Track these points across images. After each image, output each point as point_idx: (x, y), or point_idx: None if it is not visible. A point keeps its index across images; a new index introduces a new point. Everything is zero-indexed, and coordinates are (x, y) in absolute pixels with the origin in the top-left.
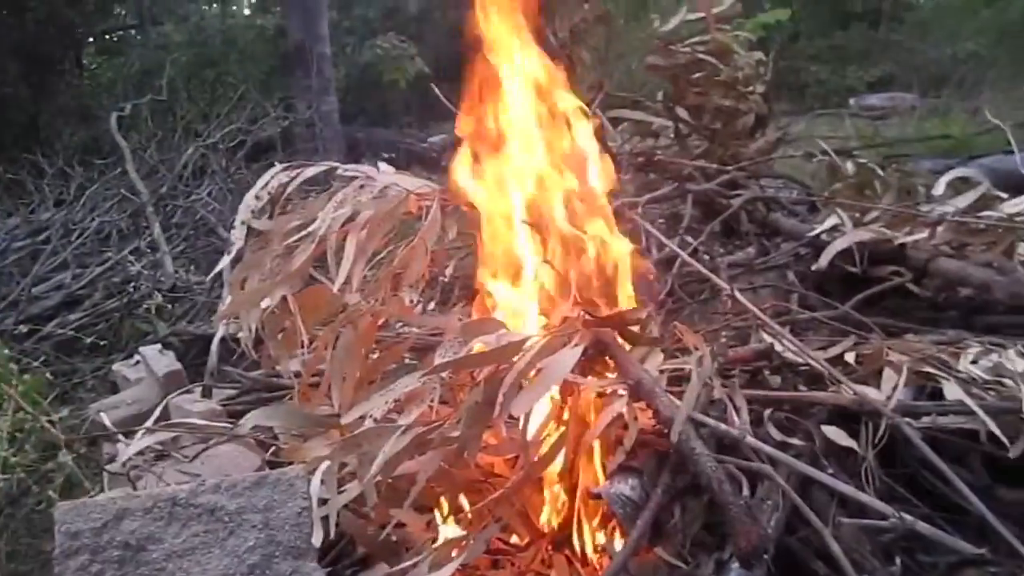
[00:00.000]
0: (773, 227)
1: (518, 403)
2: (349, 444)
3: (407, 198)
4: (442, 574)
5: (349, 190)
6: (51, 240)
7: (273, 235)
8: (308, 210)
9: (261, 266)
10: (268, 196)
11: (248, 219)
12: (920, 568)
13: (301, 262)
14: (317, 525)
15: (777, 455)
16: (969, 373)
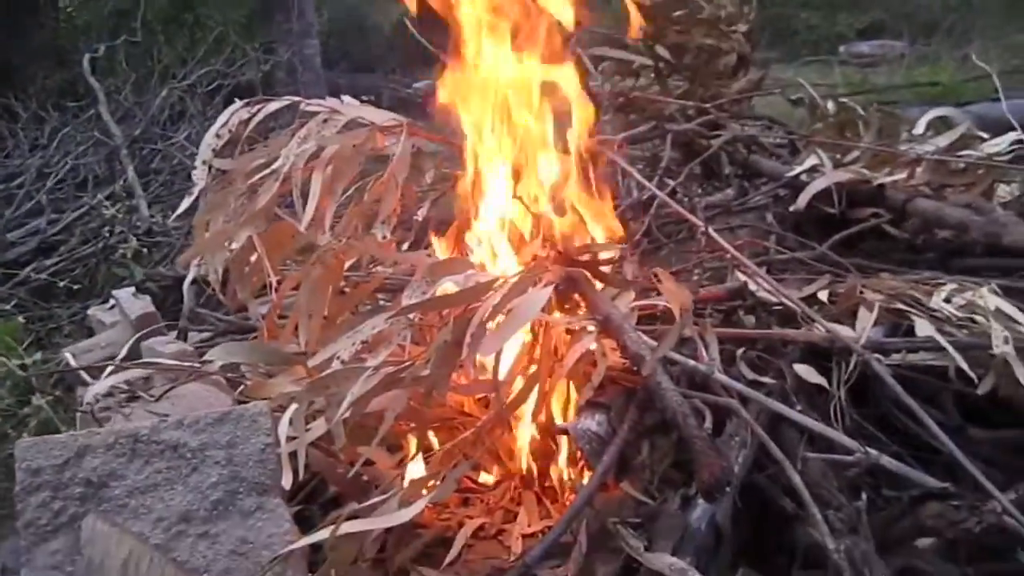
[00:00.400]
0: (753, 168)
1: (486, 344)
2: (317, 385)
3: (374, 133)
4: (412, 511)
5: (313, 125)
6: (25, 185)
7: (236, 174)
8: (271, 147)
9: (225, 206)
10: (229, 134)
11: (209, 158)
12: (885, 502)
13: (265, 201)
14: (286, 466)
15: (747, 392)
16: (942, 311)
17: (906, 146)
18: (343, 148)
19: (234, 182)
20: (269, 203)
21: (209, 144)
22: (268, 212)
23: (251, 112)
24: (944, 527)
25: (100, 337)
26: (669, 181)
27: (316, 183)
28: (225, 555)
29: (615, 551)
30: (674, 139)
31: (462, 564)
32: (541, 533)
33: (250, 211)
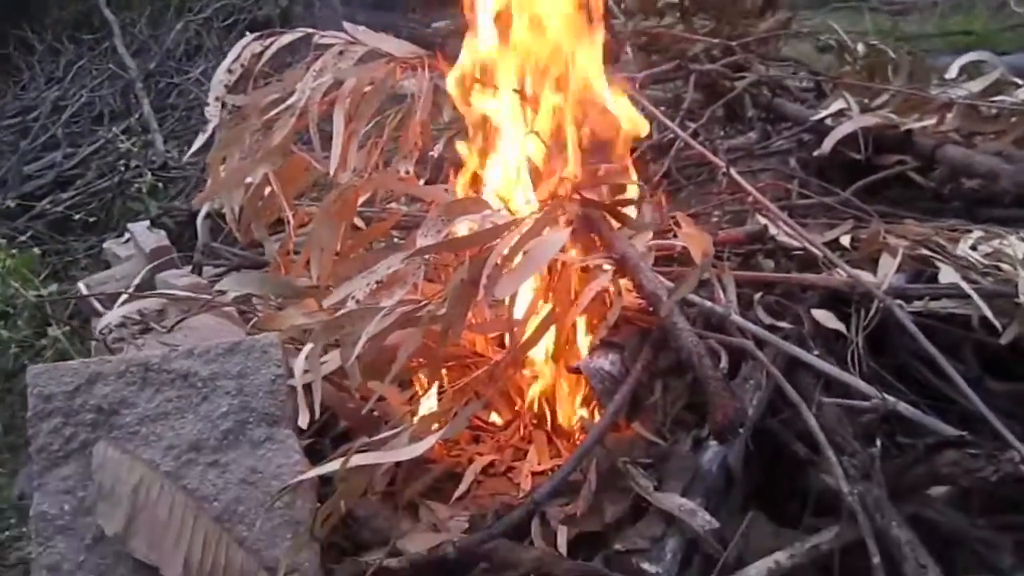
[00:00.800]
0: (777, 112)
1: (502, 285)
2: (332, 325)
3: (394, 67)
4: (422, 446)
5: (328, 58)
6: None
7: (250, 110)
8: (286, 82)
9: (240, 143)
10: (242, 69)
11: (222, 94)
12: (900, 450)
13: (282, 137)
14: (302, 405)
15: (763, 334)
16: (967, 257)
17: (937, 91)
18: (361, 82)
19: (248, 118)
20: (285, 139)
21: (221, 80)
22: (284, 148)
23: (264, 45)
24: (959, 475)
25: (115, 270)
26: (690, 124)
27: (338, 120)
28: (235, 484)
29: (625, 491)
30: (697, 80)
31: (471, 499)
32: (551, 471)
33: (266, 148)
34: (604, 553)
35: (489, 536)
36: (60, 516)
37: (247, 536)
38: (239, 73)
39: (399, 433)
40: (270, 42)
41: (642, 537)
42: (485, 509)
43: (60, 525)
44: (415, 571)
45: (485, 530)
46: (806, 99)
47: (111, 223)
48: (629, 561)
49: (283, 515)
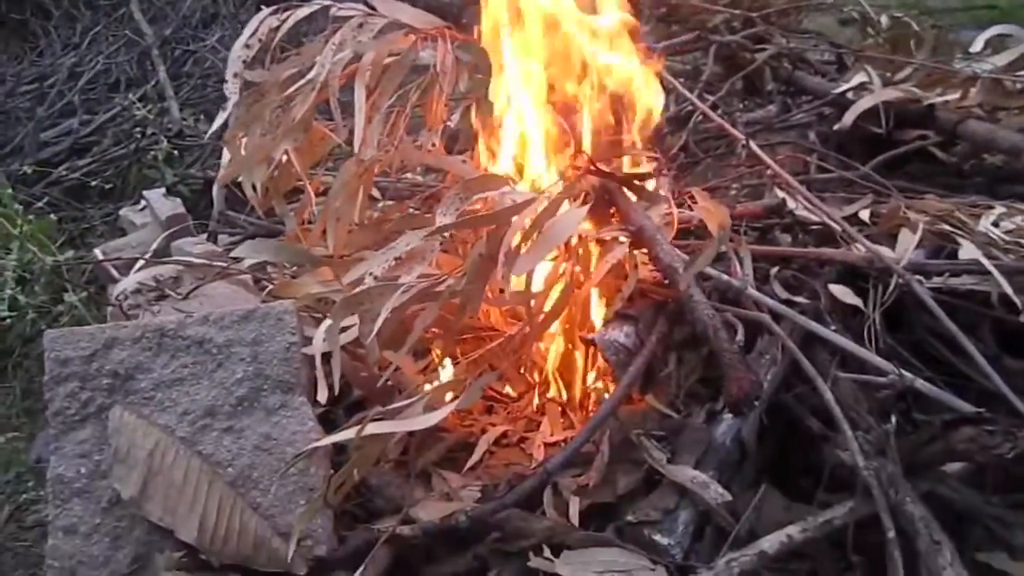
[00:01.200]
0: (798, 85)
1: (521, 263)
2: (351, 301)
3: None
4: (437, 416)
5: (347, 31)
6: (57, 84)
7: (269, 85)
8: (304, 55)
9: (261, 120)
10: (259, 43)
11: (240, 70)
12: (915, 426)
13: (303, 112)
14: (321, 381)
15: (779, 308)
16: (989, 234)
17: (961, 65)
18: (380, 55)
19: (267, 93)
20: (307, 115)
21: (239, 56)
22: (306, 124)
23: (280, 20)
24: (976, 452)
25: (131, 237)
26: (709, 96)
27: (359, 94)
28: (249, 450)
29: (637, 462)
30: (717, 52)
31: (483, 469)
32: (564, 443)
33: (287, 124)
34: (616, 524)
35: (501, 506)
36: (76, 479)
37: (261, 502)
38: (256, 48)
39: (414, 403)
40: (287, 16)
41: (654, 509)
42: (498, 479)
43: (76, 488)
44: (427, 539)
45: (497, 500)
46: (827, 72)
47: (127, 190)
48: (641, 532)
49: (297, 481)
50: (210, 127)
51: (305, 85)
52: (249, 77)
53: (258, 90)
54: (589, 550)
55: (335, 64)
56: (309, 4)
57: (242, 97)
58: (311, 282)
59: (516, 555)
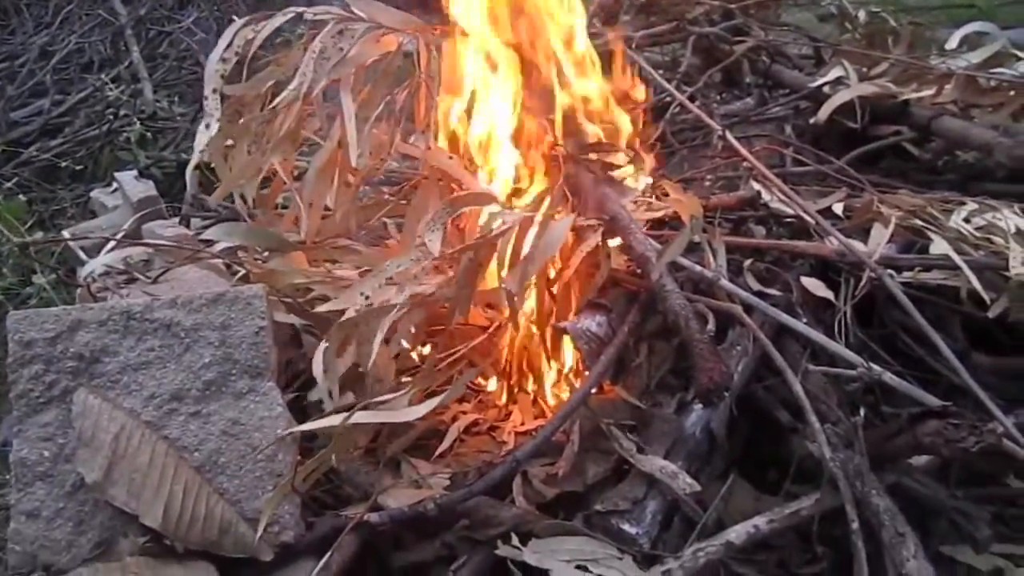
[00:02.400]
0: (775, 78)
1: (511, 280)
2: (347, 325)
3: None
4: (422, 408)
5: (326, 37)
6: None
7: (250, 98)
8: (284, 64)
9: (247, 135)
10: (236, 57)
11: (219, 85)
12: (883, 419)
13: (291, 125)
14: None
15: (751, 300)
16: (960, 230)
17: (937, 61)
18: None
19: (248, 105)
20: (294, 127)
21: (216, 70)
22: (294, 136)
23: (255, 31)
24: (941, 445)
25: (102, 219)
26: (687, 87)
27: (347, 104)
28: (216, 435)
29: (607, 452)
30: (696, 43)
31: (453, 457)
32: (535, 431)
33: (274, 137)
34: (584, 513)
35: (470, 494)
36: (40, 463)
37: (228, 487)
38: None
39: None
40: (261, 26)
41: (623, 498)
42: (467, 467)
43: (40, 472)
44: (395, 526)
45: (466, 487)
46: (804, 66)
47: (99, 172)
48: (609, 521)
49: (264, 467)
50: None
51: (288, 95)
52: (229, 91)
53: (239, 101)
54: (557, 538)
55: (318, 73)
56: (283, 13)
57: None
58: (291, 270)
59: (484, 543)
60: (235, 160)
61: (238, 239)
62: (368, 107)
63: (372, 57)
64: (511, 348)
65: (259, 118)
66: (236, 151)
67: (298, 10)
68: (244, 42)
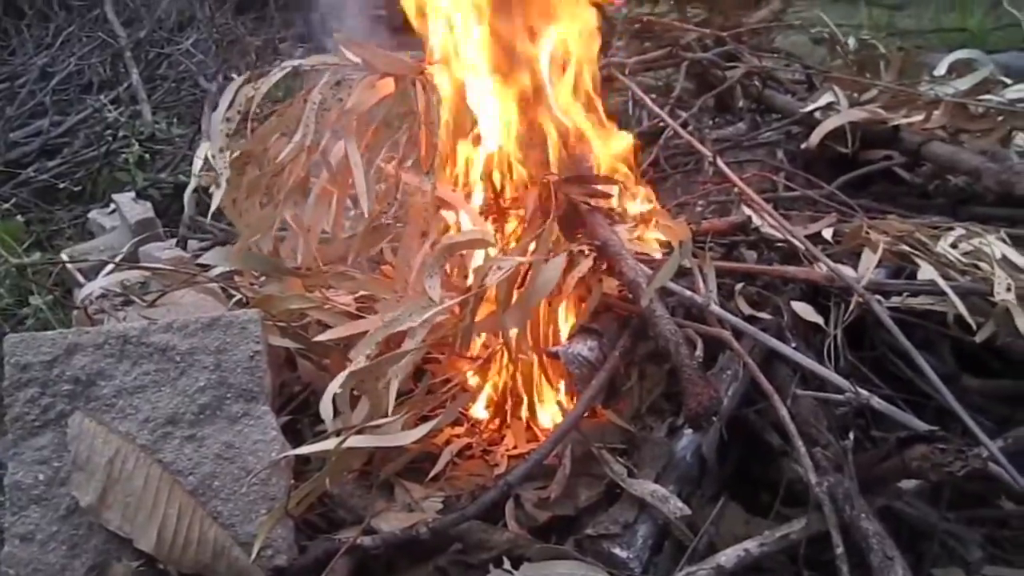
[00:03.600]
0: (767, 103)
1: (510, 318)
2: (359, 373)
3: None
4: (417, 432)
5: (325, 89)
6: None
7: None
8: (286, 117)
9: (258, 190)
10: (238, 115)
11: (225, 143)
12: (873, 443)
13: (300, 176)
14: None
15: (741, 325)
16: (947, 255)
17: (926, 88)
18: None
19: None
20: (302, 178)
21: (221, 129)
22: (303, 187)
23: (255, 88)
24: (928, 469)
25: (99, 240)
26: (681, 112)
27: (353, 153)
28: (211, 459)
29: (599, 476)
30: (688, 69)
31: (446, 480)
32: (527, 455)
33: (285, 190)
34: (576, 537)
35: (463, 517)
36: (35, 486)
37: (222, 511)
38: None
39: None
40: (260, 83)
41: (614, 522)
42: (461, 490)
43: (35, 495)
44: (388, 550)
45: (459, 511)
46: (796, 91)
47: (97, 193)
48: (601, 545)
49: (258, 491)
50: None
51: (293, 149)
52: (236, 149)
53: (245, 155)
54: (549, 562)
55: (320, 124)
56: (280, 67)
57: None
58: (287, 296)
59: (477, 567)
60: (248, 214)
61: (235, 264)
62: (373, 150)
63: (371, 103)
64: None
65: (268, 172)
66: (248, 205)
67: (294, 63)
68: (246, 99)
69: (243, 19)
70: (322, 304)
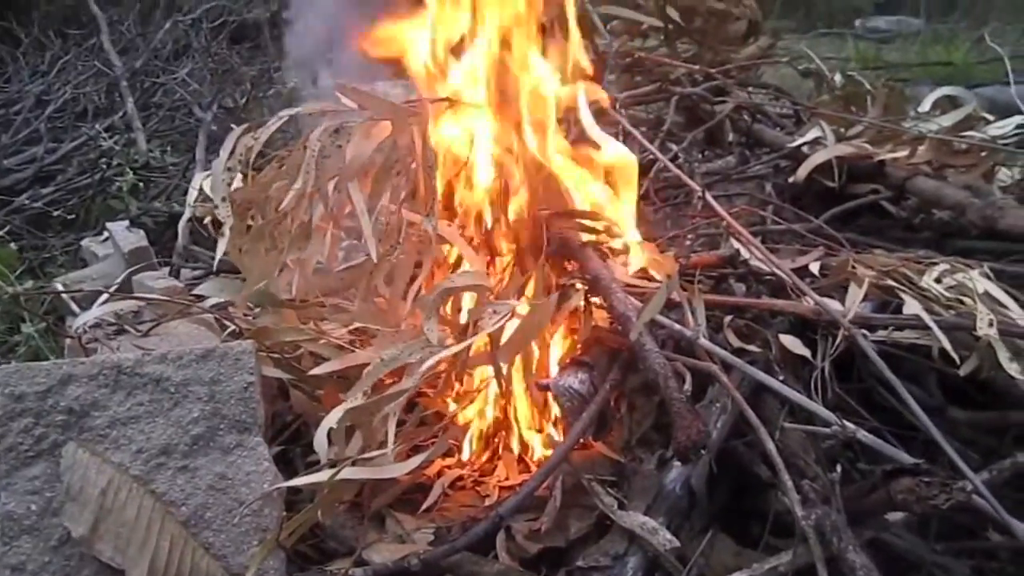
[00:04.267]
0: (756, 137)
1: (502, 356)
2: (358, 411)
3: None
4: (409, 464)
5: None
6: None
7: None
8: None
9: (263, 238)
10: (239, 165)
11: (227, 193)
12: (862, 475)
13: (301, 224)
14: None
15: (730, 359)
16: (931, 290)
17: (910, 123)
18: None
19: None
20: (305, 226)
21: (223, 179)
22: (306, 233)
23: (255, 138)
24: (913, 502)
25: (92, 269)
26: (671, 145)
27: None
28: (203, 490)
29: (589, 508)
30: (678, 103)
31: (437, 512)
32: (519, 486)
33: (289, 237)
34: (567, 569)
35: (453, 549)
36: (27, 516)
37: (214, 542)
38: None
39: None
40: (259, 132)
41: (604, 554)
42: (452, 522)
43: (26, 525)
44: None
45: (450, 543)
46: (785, 125)
47: (90, 221)
48: None
49: (250, 522)
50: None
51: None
52: (238, 198)
53: (247, 201)
54: None
55: (320, 171)
56: (278, 117)
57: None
58: (281, 328)
59: None
60: (252, 257)
61: (229, 296)
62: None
63: (369, 149)
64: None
65: (271, 220)
66: (252, 250)
67: (292, 111)
68: (245, 149)
69: (238, 48)
70: (317, 337)
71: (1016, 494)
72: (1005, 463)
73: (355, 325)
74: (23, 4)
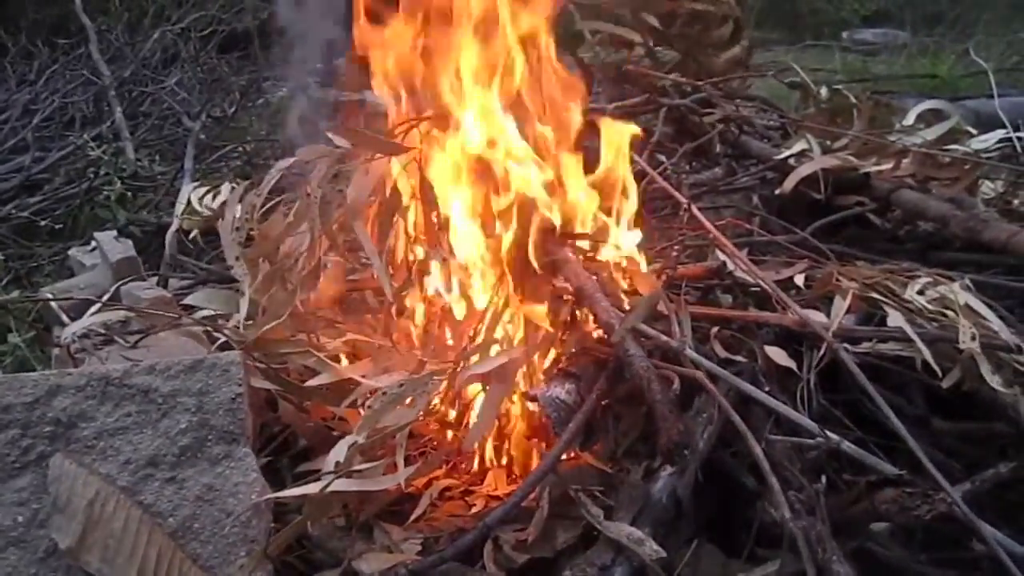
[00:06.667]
0: (743, 149)
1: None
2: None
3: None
4: (398, 476)
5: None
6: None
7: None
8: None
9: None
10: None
11: (239, 252)
12: (846, 486)
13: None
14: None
15: (715, 370)
16: (915, 302)
17: (895, 136)
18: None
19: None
20: (314, 267)
21: (233, 239)
22: (315, 271)
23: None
24: (896, 513)
25: (79, 278)
26: (661, 156)
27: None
28: (191, 501)
29: (576, 518)
30: (667, 115)
31: (425, 522)
32: (507, 497)
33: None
34: None
35: (441, 559)
36: (13, 528)
37: (201, 553)
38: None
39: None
40: (264, 187)
41: (591, 564)
42: (440, 532)
43: (13, 537)
44: None
45: (437, 553)
46: (771, 136)
47: (77, 230)
48: None
49: (238, 533)
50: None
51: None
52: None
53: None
54: None
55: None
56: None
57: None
58: (270, 340)
59: None
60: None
61: (219, 306)
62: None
63: (369, 189)
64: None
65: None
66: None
67: (290, 160)
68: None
69: (227, 58)
70: (305, 347)
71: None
72: (988, 473)
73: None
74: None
